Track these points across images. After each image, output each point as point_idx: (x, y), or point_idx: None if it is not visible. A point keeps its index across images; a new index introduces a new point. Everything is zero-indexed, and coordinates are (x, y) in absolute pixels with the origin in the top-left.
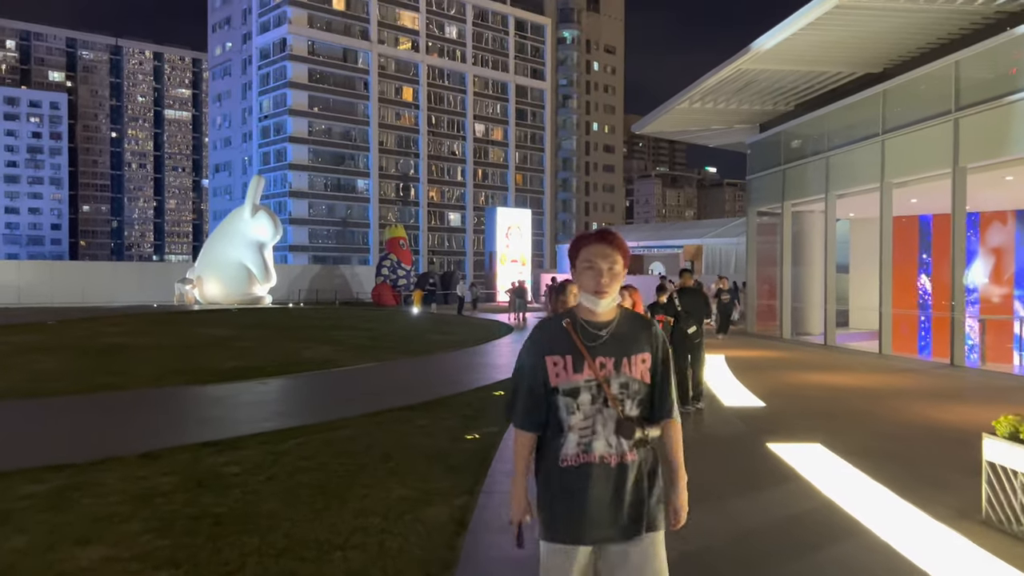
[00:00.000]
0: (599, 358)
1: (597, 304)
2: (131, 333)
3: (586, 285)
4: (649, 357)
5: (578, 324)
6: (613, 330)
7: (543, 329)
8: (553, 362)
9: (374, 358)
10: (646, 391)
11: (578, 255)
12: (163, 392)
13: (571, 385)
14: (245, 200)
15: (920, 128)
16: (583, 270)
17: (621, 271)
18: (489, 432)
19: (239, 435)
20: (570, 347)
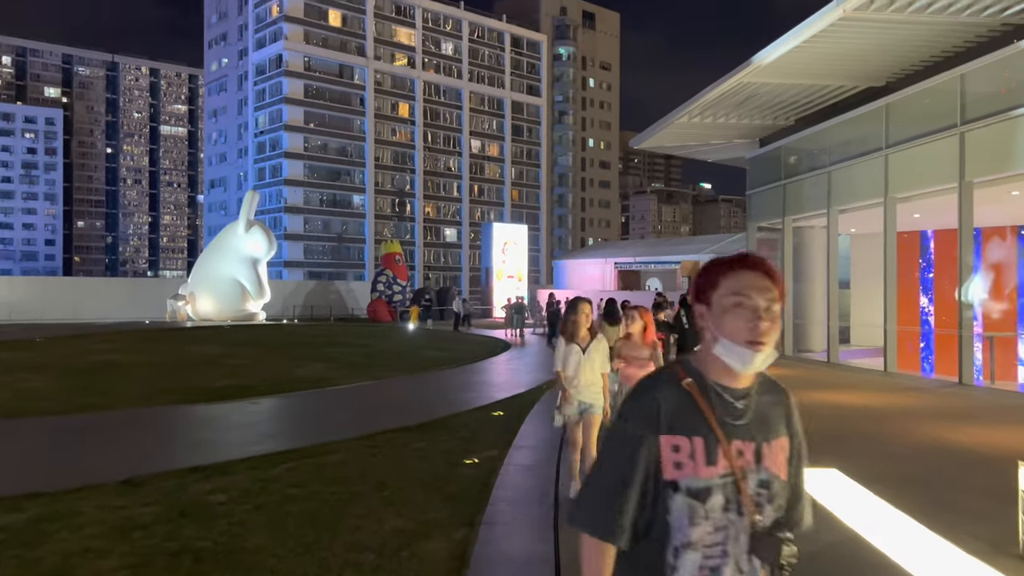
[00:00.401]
0: (736, 442)
1: (749, 362)
2: (121, 351)
3: (733, 331)
4: (788, 443)
5: (709, 390)
6: (754, 402)
7: (653, 392)
8: (673, 445)
9: (369, 376)
10: (783, 492)
11: (717, 286)
12: (151, 412)
13: (700, 483)
14: (239, 215)
15: (925, 142)
16: (729, 308)
17: (778, 313)
18: (489, 456)
19: (227, 459)
20: (700, 425)
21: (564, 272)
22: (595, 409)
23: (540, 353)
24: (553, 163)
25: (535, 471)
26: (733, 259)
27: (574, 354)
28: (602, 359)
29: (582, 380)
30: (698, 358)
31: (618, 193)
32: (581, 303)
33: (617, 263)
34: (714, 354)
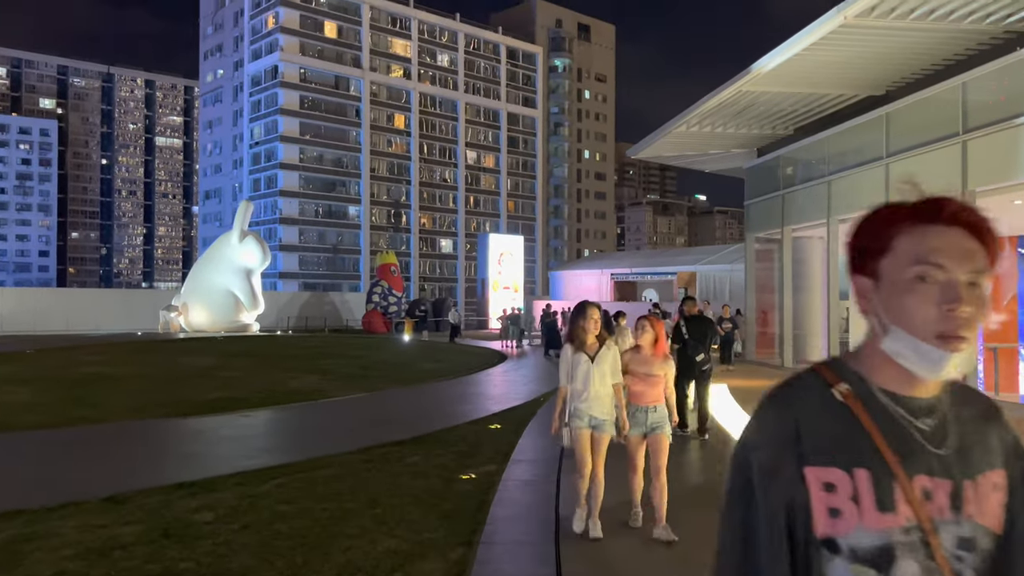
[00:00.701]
0: (921, 479)
1: (939, 364)
2: (111, 363)
3: (916, 318)
4: (1004, 478)
5: (876, 401)
6: (947, 419)
7: (788, 405)
8: (826, 483)
9: (363, 388)
10: (995, 550)
11: (890, 249)
12: (140, 426)
13: (871, 540)
14: (233, 226)
15: (926, 151)
16: (910, 283)
17: (987, 291)
18: (486, 472)
19: (216, 474)
20: (864, 452)
21: (560, 283)
22: (606, 426)
23: (537, 365)
24: (549, 174)
25: (535, 487)
26: (917, 207)
27: (582, 364)
28: (613, 368)
29: (592, 392)
30: (858, 356)
31: (614, 204)
32: (589, 307)
33: (613, 274)
34: (883, 351)
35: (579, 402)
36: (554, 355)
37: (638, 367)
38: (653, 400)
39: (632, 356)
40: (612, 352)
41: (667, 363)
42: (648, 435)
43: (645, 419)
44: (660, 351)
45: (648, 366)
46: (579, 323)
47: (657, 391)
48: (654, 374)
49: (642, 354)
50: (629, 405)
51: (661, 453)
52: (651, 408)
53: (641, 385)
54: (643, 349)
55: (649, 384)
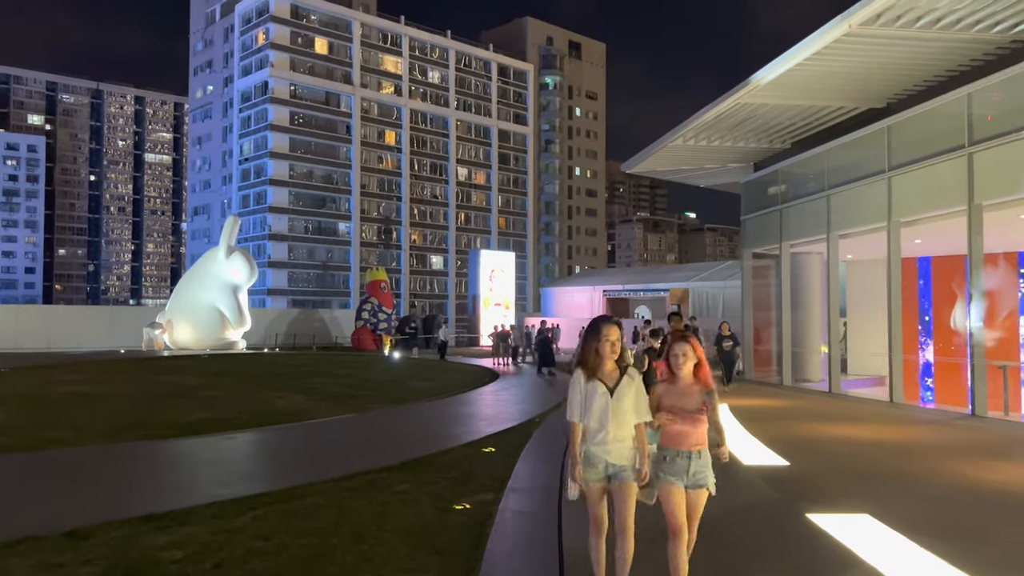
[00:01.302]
0: None
1: None
2: (91, 382)
3: None
4: None
5: None
6: None
7: None
8: None
9: (351, 408)
10: None
11: None
12: (114, 450)
13: None
14: (220, 241)
15: (930, 164)
16: None
17: None
18: (482, 501)
19: (189, 505)
20: None
21: (552, 300)
22: (627, 474)
23: (529, 383)
24: (540, 191)
25: (535, 519)
26: None
27: (598, 396)
28: (638, 404)
29: (611, 433)
30: None
31: (604, 221)
32: (606, 326)
33: (606, 291)
34: None
35: (593, 444)
36: (547, 373)
37: (675, 400)
38: (696, 443)
39: (666, 388)
40: (636, 383)
41: (712, 395)
42: (689, 488)
43: (687, 467)
44: (704, 380)
45: (688, 399)
46: (592, 345)
47: (701, 431)
48: (696, 409)
49: (680, 385)
50: (666, 450)
51: (698, 510)
52: (694, 454)
53: (681, 424)
54: (681, 379)
55: (691, 422)
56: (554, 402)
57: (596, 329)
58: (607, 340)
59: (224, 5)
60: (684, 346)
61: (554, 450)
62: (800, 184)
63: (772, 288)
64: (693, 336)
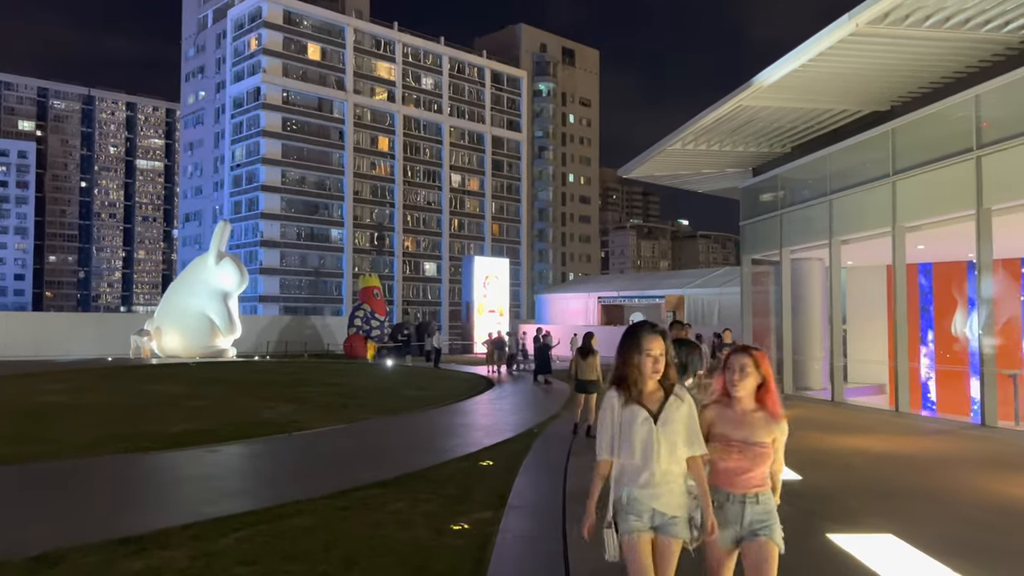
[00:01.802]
0: None
1: None
2: (75, 391)
3: None
4: None
5: None
6: None
7: None
8: None
9: (342, 418)
10: None
11: None
12: (92, 464)
13: None
14: (210, 247)
15: (937, 168)
16: None
17: None
18: (481, 520)
19: (168, 525)
20: None
21: (546, 306)
22: (677, 529)
23: (526, 391)
24: (533, 198)
25: (538, 543)
26: None
27: (639, 424)
28: (690, 432)
29: (658, 472)
30: None
31: (598, 228)
32: (647, 335)
33: (600, 297)
34: None
35: (636, 487)
36: (543, 381)
37: (731, 430)
38: (756, 484)
39: (720, 412)
40: (687, 405)
41: (779, 425)
42: (744, 540)
43: (741, 515)
44: (771, 404)
45: (748, 428)
46: (632, 359)
47: (762, 470)
48: (758, 442)
49: (737, 409)
50: (715, 491)
51: (765, 570)
52: (750, 498)
53: (737, 459)
54: (740, 401)
55: (750, 457)
56: (552, 411)
57: (635, 340)
58: (648, 355)
59: (216, 10)
60: (744, 359)
61: (555, 463)
62: (801, 189)
63: (772, 295)
64: (758, 350)
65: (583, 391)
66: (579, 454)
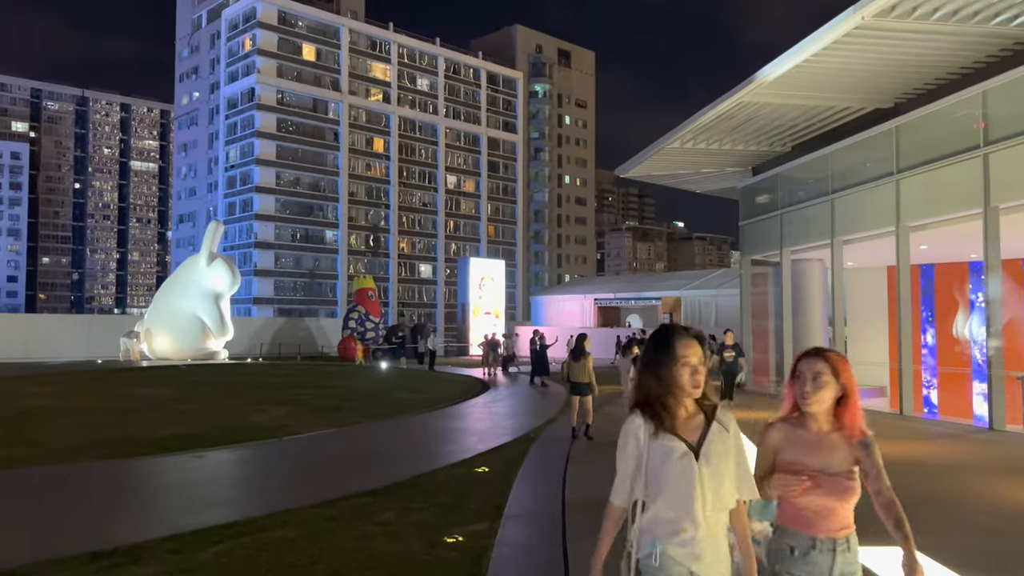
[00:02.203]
0: None
1: None
2: (61, 394)
3: None
4: None
5: None
6: None
7: None
8: None
9: (334, 423)
10: None
11: None
12: (72, 471)
13: None
14: (201, 247)
15: (942, 166)
16: None
17: None
18: (475, 531)
19: (146, 538)
20: None
21: (542, 308)
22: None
23: (522, 394)
24: (529, 199)
25: (537, 554)
26: None
27: (675, 460)
28: (739, 468)
29: (700, 523)
30: None
31: (594, 230)
32: (682, 339)
33: (597, 299)
34: None
35: (670, 543)
36: (540, 383)
37: (805, 455)
38: (844, 525)
39: (789, 433)
40: (732, 432)
41: (869, 450)
42: None
43: (830, 566)
44: (849, 421)
45: (827, 454)
46: (663, 372)
47: (849, 507)
48: (842, 471)
49: (812, 428)
50: (791, 536)
51: None
52: (840, 544)
53: (818, 494)
54: (814, 417)
55: (834, 492)
56: (549, 415)
57: (667, 346)
58: (685, 364)
59: (211, 11)
60: (818, 365)
61: (554, 469)
62: (802, 188)
63: (771, 296)
64: (835, 353)
65: (577, 393)
66: (578, 459)
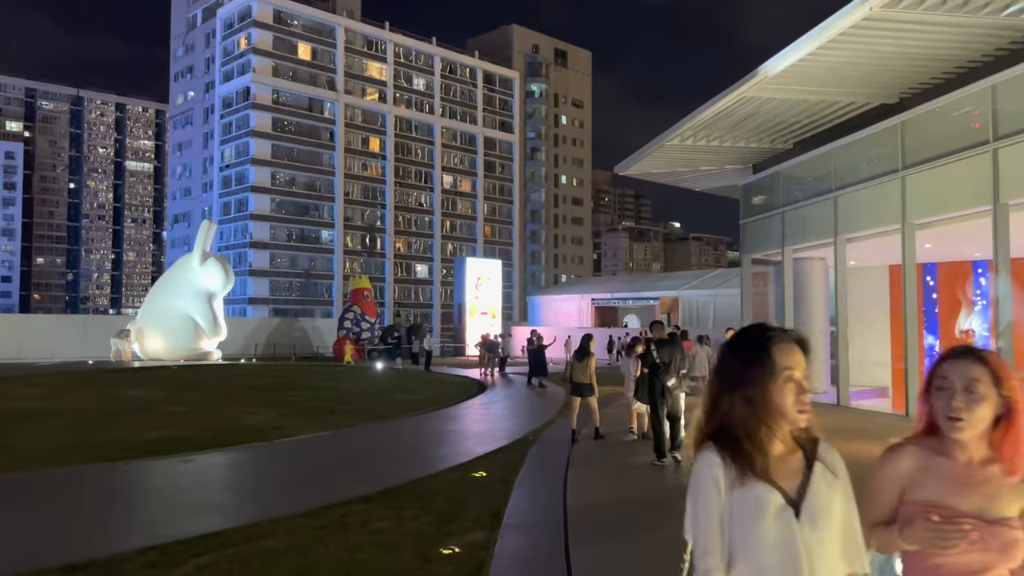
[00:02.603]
0: None
1: None
2: (48, 396)
3: None
4: None
5: None
6: None
7: None
8: None
9: (327, 425)
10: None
11: None
12: (53, 476)
13: None
14: (194, 247)
15: (951, 161)
16: None
17: None
18: (473, 542)
19: (123, 549)
20: None
21: (539, 308)
22: None
23: (519, 394)
24: (526, 199)
25: (538, 567)
26: None
27: (771, 518)
28: (849, 529)
29: None
30: None
31: (590, 230)
32: (781, 343)
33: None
34: None
35: None
36: (537, 384)
37: (951, 494)
38: None
39: (926, 463)
40: (842, 477)
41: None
42: None
43: None
44: (1016, 456)
45: (984, 493)
46: (757, 387)
47: (1010, 567)
48: (1004, 518)
49: (960, 457)
50: None
51: None
52: None
53: (968, 549)
54: (963, 445)
55: (993, 546)
56: (548, 416)
57: (761, 354)
58: (789, 380)
59: (206, 10)
60: (973, 368)
61: (554, 473)
62: (804, 186)
63: (772, 295)
64: (994, 355)
65: (578, 394)
66: (579, 463)
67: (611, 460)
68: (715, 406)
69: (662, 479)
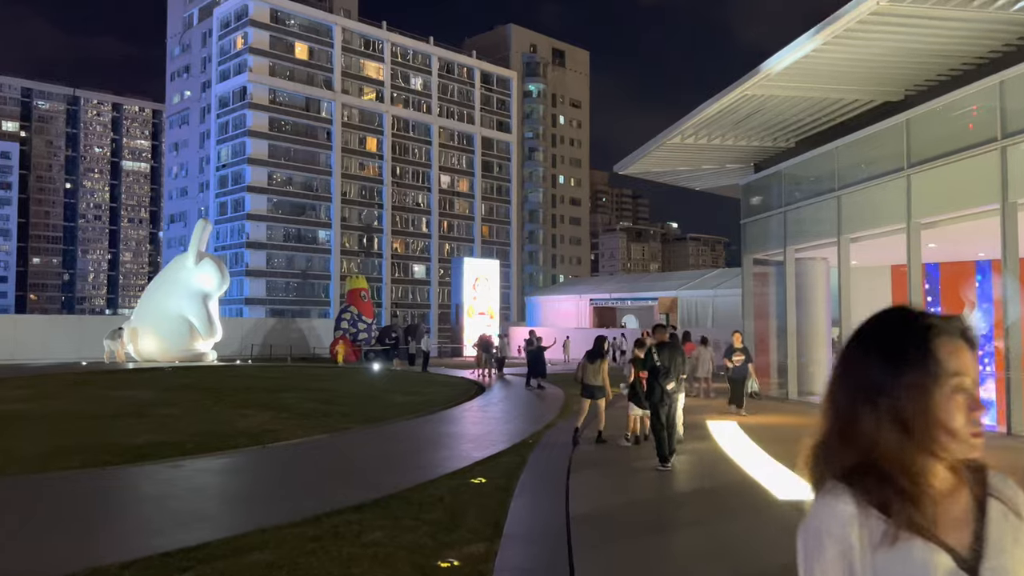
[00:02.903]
0: None
1: None
2: (37, 398)
3: None
4: None
5: None
6: None
7: None
8: None
9: (323, 428)
10: None
11: None
12: (35, 482)
13: None
14: (189, 246)
15: (957, 159)
16: None
17: None
18: (473, 554)
19: (105, 562)
20: None
21: (537, 309)
22: None
23: (518, 396)
24: (523, 199)
25: None
26: None
27: None
28: None
29: None
30: None
31: (588, 231)
32: (947, 336)
33: (592, 299)
34: None
35: None
36: (536, 385)
37: None
38: None
39: None
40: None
41: None
42: None
43: None
44: None
45: None
46: (910, 401)
47: None
48: None
49: None
50: None
51: None
52: None
53: None
54: None
55: None
56: (548, 419)
57: (919, 351)
58: (959, 390)
59: (202, 9)
60: None
61: (556, 480)
62: (807, 185)
63: (772, 295)
64: None
65: (589, 396)
66: (581, 468)
67: (613, 465)
68: (849, 427)
69: (666, 484)
